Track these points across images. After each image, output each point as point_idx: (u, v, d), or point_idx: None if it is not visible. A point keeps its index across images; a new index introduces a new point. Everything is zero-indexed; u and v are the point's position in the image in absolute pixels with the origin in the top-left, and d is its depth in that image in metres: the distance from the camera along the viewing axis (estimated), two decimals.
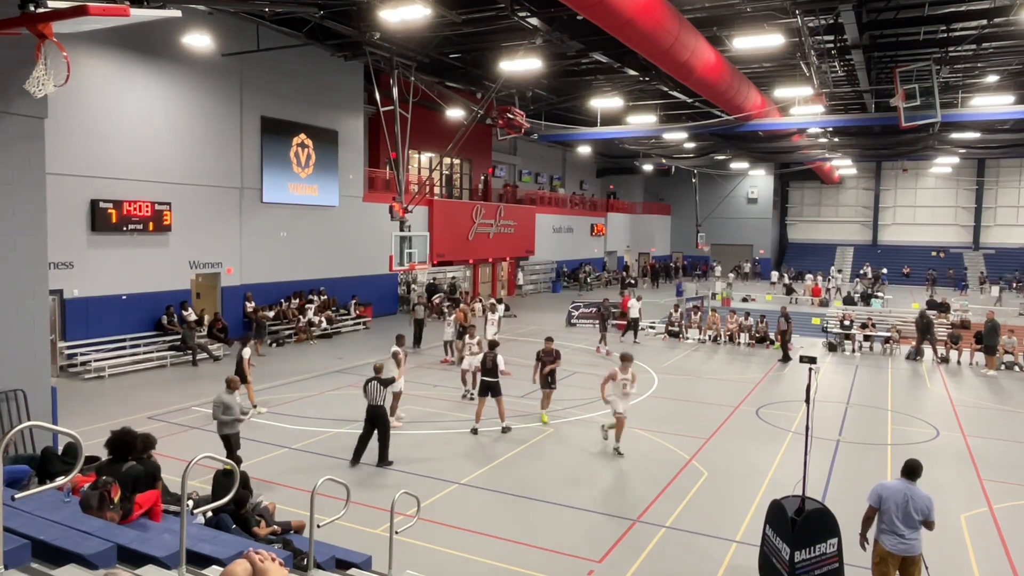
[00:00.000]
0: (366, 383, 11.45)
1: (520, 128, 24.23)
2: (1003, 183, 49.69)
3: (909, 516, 6.52)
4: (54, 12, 7.20)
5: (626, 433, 12.18)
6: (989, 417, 15.13)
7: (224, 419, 10.11)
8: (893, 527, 6.54)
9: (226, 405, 10.15)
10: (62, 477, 5.37)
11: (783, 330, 21.59)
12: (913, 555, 6.58)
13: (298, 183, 23.77)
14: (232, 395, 10.29)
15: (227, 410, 10.14)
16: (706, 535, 8.80)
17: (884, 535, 6.60)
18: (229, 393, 10.29)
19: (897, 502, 6.52)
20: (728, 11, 18.85)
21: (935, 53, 21.27)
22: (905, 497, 6.54)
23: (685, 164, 43.31)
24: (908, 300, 33.86)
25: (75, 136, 17.08)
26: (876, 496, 6.64)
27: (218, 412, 10.17)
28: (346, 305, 25.37)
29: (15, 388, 9.53)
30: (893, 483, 6.71)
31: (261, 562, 2.81)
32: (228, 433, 10.19)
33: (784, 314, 21.92)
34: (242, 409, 10.43)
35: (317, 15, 17.87)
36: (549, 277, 41.77)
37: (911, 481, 6.66)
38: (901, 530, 6.52)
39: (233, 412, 10.19)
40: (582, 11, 14.67)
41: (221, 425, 10.17)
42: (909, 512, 6.52)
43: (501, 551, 8.20)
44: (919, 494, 6.59)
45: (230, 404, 10.18)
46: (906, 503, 6.53)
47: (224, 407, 10.14)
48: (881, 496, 6.61)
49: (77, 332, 17.48)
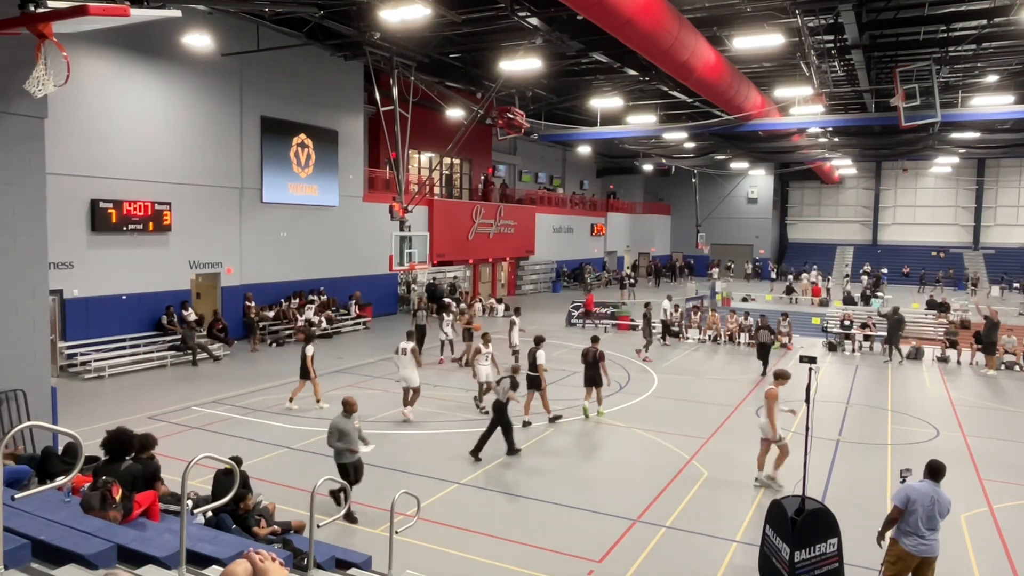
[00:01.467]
0: (499, 380, 12.08)
1: (520, 128, 24.22)
2: (1003, 183, 49.70)
3: (933, 518, 6.48)
4: (54, 12, 7.19)
5: (626, 433, 12.20)
6: (989, 417, 15.13)
7: (339, 447, 9.01)
8: (917, 529, 6.47)
9: (341, 431, 9.02)
10: (62, 477, 5.37)
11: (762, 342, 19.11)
12: (932, 556, 6.55)
13: (298, 183, 23.77)
14: (350, 420, 9.16)
15: (343, 437, 9.01)
16: (706, 535, 8.80)
17: (905, 536, 6.53)
18: (346, 417, 9.16)
19: (924, 504, 6.45)
20: (728, 11, 18.86)
21: (935, 53, 21.28)
22: (932, 500, 6.47)
23: (685, 164, 43.32)
24: (908, 300, 33.85)
25: (75, 136, 17.07)
26: (904, 498, 6.51)
27: (333, 439, 9.04)
28: (346, 305, 25.37)
29: (15, 388, 9.53)
30: (921, 485, 6.59)
31: (261, 562, 2.81)
32: (346, 462, 9.07)
33: (764, 325, 19.47)
34: (361, 435, 9.32)
35: (317, 15, 17.88)
36: (549, 277, 41.78)
37: (936, 482, 6.60)
38: (923, 532, 6.46)
39: (350, 440, 9.04)
40: (582, 11, 14.68)
41: (339, 454, 9.07)
42: (934, 514, 6.48)
43: (501, 551, 8.20)
44: (943, 496, 6.55)
45: (346, 430, 9.03)
46: (932, 505, 6.47)
47: (340, 433, 9.01)
48: (909, 498, 6.49)
49: (77, 332, 17.48)
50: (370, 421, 13.62)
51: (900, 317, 21.47)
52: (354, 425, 9.13)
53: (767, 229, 54.20)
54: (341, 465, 9.04)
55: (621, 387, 16.96)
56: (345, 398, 9.35)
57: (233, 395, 15.40)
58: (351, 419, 9.16)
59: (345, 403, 9.28)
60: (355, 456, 9.09)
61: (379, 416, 13.97)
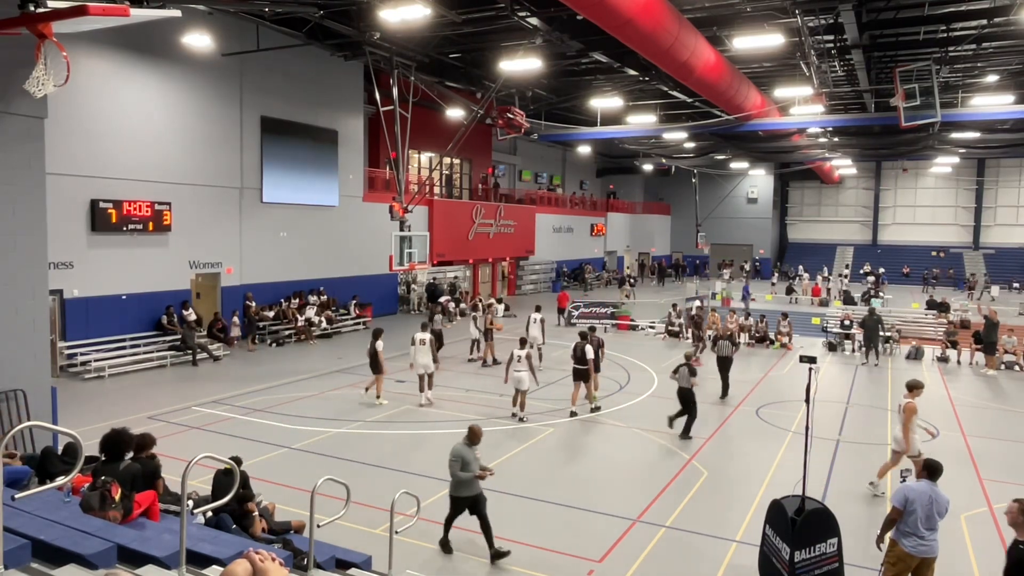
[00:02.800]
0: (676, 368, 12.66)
1: (520, 128, 24.24)
2: (1003, 183, 49.70)
3: (932, 518, 6.46)
4: (54, 12, 7.19)
5: (626, 433, 12.19)
6: (989, 417, 15.13)
7: (462, 476, 8.04)
8: (916, 530, 6.45)
9: (464, 460, 8.08)
10: (62, 477, 5.37)
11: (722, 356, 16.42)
12: (931, 557, 6.53)
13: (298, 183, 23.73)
14: (472, 450, 8.23)
15: (466, 466, 8.06)
16: (706, 535, 8.80)
17: (905, 537, 6.52)
18: (469, 445, 8.22)
19: (923, 504, 6.43)
20: (728, 11, 18.86)
21: (935, 53, 21.28)
22: (930, 499, 6.46)
23: (685, 164, 43.32)
24: (908, 300, 33.85)
25: (75, 136, 17.07)
26: (902, 498, 6.49)
27: (455, 467, 8.06)
28: (346, 305, 25.37)
29: (15, 388, 9.53)
30: (918, 485, 6.58)
31: (261, 562, 2.81)
32: (463, 495, 8.09)
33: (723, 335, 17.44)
34: (482, 466, 8.29)
35: (317, 15, 17.88)
36: (549, 277, 41.79)
37: (933, 482, 6.58)
38: (922, 532, 6.45)
39: (471, 469, 8.09)
40: (582, 11, 14.68)
41: (458, 485, 8.11)
42: (932, 514, 6.46)
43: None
44: (941, 496, 6.53)
45: (469, 459, 8.12)
46: (931, 505, 6.45)
47: (463, 462, 8.07)
48: (908, 499, 6.46)
49: (77, 332, 17.47)
50: (370, 421, 13.65)
51: (878, 318, 21.53)
52: (475, 455, 8.25)
53: (767, 229, 54.20)
54: (456, 498, 8.14)
55: (621, 387, 16.96)
56: (472, 426, 8.44)
57: (233, 395, 15.40)
58: (474, 449, 8.27)
59: (471, 431, 8.35)
60: (478, 490, 8.16)
61: (380, 416, 13.98)
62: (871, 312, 21.71)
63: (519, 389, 13.71)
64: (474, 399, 15.43)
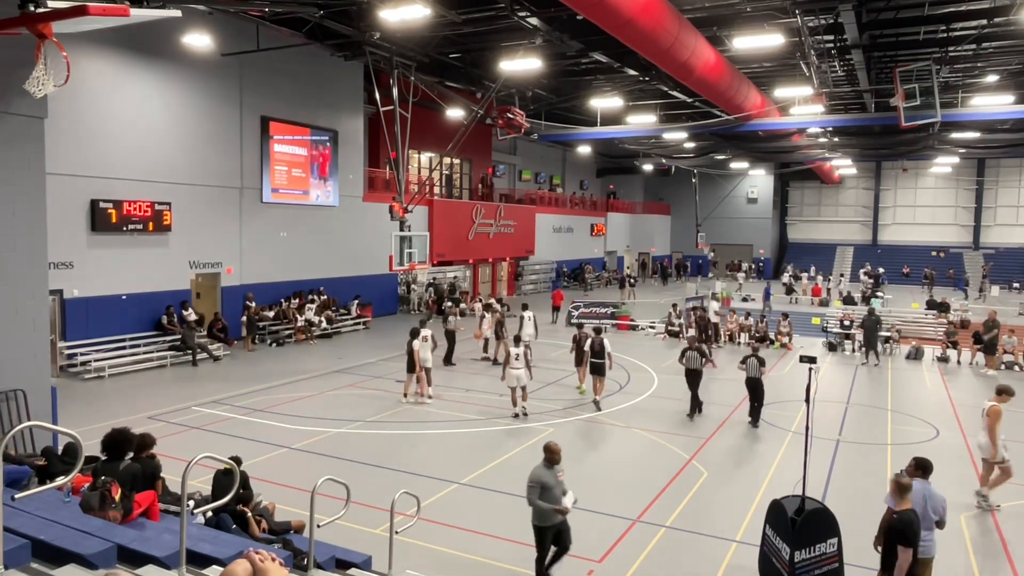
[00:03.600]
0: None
1: (520, 128, 24.22)
2: (1003, 183, 49.69)
3: (926, 517, 6.42)
4: (54, 12, 7.19)
5: (626, 433, 12.16)
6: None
7: (541, 506, 7.06)
8: None
9: (544, 485, 7.11)
10: (62, 477, 5.37)
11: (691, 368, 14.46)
12: (928, 557, 6.51)
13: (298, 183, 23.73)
14: (552, 471, 7.22)
15: (545, 493, 7.09)
16: (706, 535, 8.80)
17: None
18: (548, 468, 7.22)
19: (917, 504, 6.39)
20: (728, 11, 18.85)
21: (935, 53, 21.28)
22: (923, 498, 6.43)
23: (685, 164, 43.32)
24: (908, 300, 33.85)
25: (75, 136, 17.07)
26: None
27: (533, 495, 7.09)
28: (346, 305, 25.37)
29: (15, 388, 9.52)
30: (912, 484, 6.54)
31: (261, 562, 2.81)
32: (547, 524, 7.12)
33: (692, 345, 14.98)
34: (564, 489, 7.25)
35: (317, 15, 17.87)
36: (549, 277, 41.80)
37: (926, 479, 6.55)
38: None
39: (553, 497, 7.10)
40: (582, 11, 14.68)
41: (539, 514, 7.12)
42: (927, 513, 6.43)
43: (501, 551, 8.19)
44: (935, 494, 6.51)
45: (550, 484, 7.13)
46: (924, 503, 6.42)
47: (542, 488, 7.10)
48: None
49: (77, 332, 17.47)
50: (370, 421, 13.65)
51: (877, 318, 21.57)
52: (558, 478, 7.24)
53: (767, 229, 54.20)
54: (540, 529, 7.15)
55: (621, 387, 16.96)
56: (548, 444, 7.39)
57: (233, 395, 15.40)
58: (554, 470, 7.25)
59: (548, 450, 7.31)
60: (562, 518, 7.18)
61: (379, 416, 13.99)
62: (870, 312, 21.73)
63: (517, 386, 13.88)
64: (474, 399, 15.43)
